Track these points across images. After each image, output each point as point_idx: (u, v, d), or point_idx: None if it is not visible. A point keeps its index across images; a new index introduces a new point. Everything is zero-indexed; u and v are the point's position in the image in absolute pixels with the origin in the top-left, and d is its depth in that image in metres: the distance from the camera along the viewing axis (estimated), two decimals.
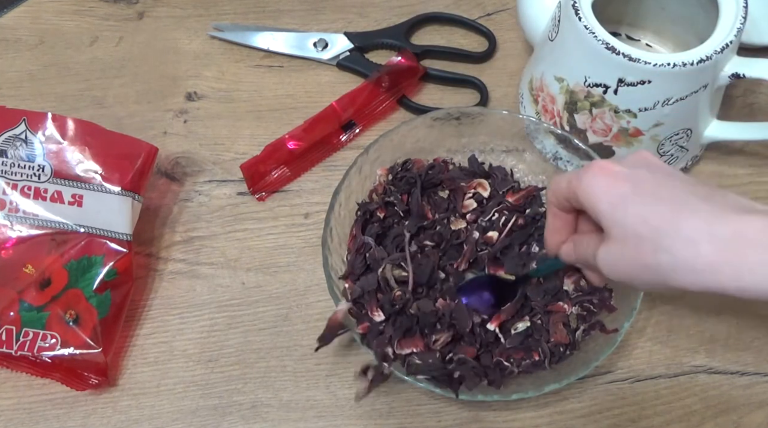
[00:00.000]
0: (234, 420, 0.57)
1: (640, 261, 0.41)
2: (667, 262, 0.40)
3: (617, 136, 0.60)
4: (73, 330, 0.56)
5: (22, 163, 0.58)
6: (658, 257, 0.40)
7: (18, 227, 0.57)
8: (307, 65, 0.72)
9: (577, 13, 0.56)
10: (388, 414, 0.57)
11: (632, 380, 0.58)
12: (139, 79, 0.71)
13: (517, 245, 0.59)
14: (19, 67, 0.72)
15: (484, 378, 0.54)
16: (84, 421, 0.57)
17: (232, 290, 0.61)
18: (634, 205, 0.41)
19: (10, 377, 0.58)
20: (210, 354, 0.59)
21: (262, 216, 0.65)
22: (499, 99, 0.70)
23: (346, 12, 0.75)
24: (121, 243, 0.58)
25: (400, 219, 0.59)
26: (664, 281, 0.40)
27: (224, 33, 0.73)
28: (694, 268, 0.39)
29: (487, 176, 0.62)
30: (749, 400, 0.57)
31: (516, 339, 0.55)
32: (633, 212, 0.41)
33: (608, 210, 0.42)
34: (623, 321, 0.54)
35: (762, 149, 0.67)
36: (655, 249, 0.40)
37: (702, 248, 0.39)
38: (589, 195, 0.43)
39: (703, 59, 0.54)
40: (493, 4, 0.75)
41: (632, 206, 0.41)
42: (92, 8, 0.75)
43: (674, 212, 0.40)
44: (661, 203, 0.41)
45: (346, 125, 0.68)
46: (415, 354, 0.54)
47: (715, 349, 0.59)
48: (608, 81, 0.57)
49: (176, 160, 0.67)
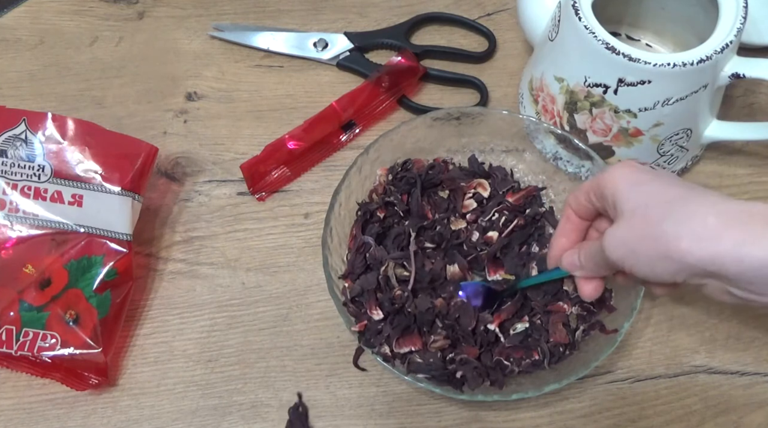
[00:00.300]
0: (234, 420, 0.57)
1: (644, 232, 0.42)
2: (672, 230, 0.41)
3: (617, 136, 0.60)
4: (73, 330, 0.56)
5: (22, 163, 0.58)
6: (664, 225, 0.41)
7: (18, 227, 0.57)
8: (307, 65, 0.72)
9: (577, 13, 0.56)
10: (388, 414, 0.57)
11: (632, 380, 0.58)
12: (139, 79, 0.71)
13: (517, 245, 0.59)
14: (19, 67, 0.72)
15: (487, 379, 0.54)
16: (84, 421, 0.57)
17: (232, 290, 0.61)
18: (650, 185, 0.44)
19: (10, 377, 0.58)
20: (210, 354, 0.59)
21: (262, 216, 0.65)
22: (499, 99, 0.70)
23: (346, 12, 0.75)
24: (121, 243, 0.58)
25: (400, 219, 0.59)
26: (666, 250, 0.41)
27: (224, 33, 0.73)
28: (699, 235, 0.40)
29: (487, 176, 0.62)
30: (749, 400, 0.57)
31: (515, 338, 0.55)
32: (647, 190, 0.44)
33: (625, 189, 0.45)
34: (623, 321, 0.54)
35: (762, 149, 0.67)
36: (661, 219, 0.42)
37: (708, 219, 0.41)
38: (612, 178, 0.46)
39: (703, 59, 0.54)
40: (493, 4, 0.75)
41: (648, 186, 0.44)
42: (92, 8, 0.75)
43: (686, 193, 0.43)
44: (675, 187, 0.44)
45: (346, 125, 0.68)
46: (415, 353, 0.54)
47: (715, 349, 0.59)
48: (608, 81, 0.57)
49: (176, 160, 0.67)
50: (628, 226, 0.44)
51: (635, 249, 0.43)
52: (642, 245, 0.43)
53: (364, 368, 0.58)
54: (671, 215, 0.42)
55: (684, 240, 0.41)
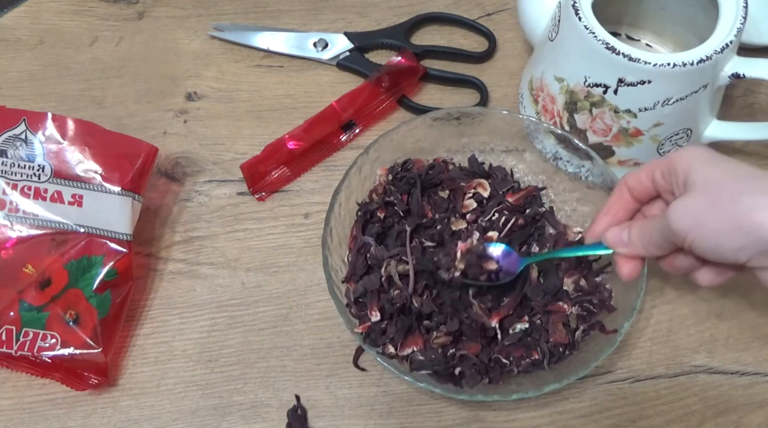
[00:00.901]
0: (234, 420, 0.57)
1: (717, 203, 0.42)
2: (748, 202, 0.41)
3: (617, 136, 0.60)
4: (73, 330, 0.56)
5: (22, 163, 0.58)
6: (740, 197, 0.41)
7: (18, 227, 0.57)
8: (307, 65, 0.72)
9: (577, 13, 0.56)
10: (388, 414, 0.57)
11: (632, 380, 0.58)
12: (139, 79, 0.71)
13: (517, 245, 0.59)
14: (19, 67, 0.72)
15: (485, 376, 0.54)
16: (84, 421, 0.57)
17: (232, 290, 0.61)
18: (724, 163, 0.45)
19: (10, 377, 0.58)
20: (210, 354, 0.59)
21: (262, 216, 0.65)
22: (499, 99, 0.70)
23: (346, 12, 0.75)
24: (121, 243, 0.58)
25: (400, 219, 0.59)
26: (738, 222, 0.41)
27: (224, 33, 0.73)
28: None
29: (487, 176, 0.62)
30: (749, 400, 0.57)
31: (515, 336, 0.55)
32: (721, 166, 0.45)
33: (699, 164, 0.45)
34: (623, 321, 0.54)
35: (762, 149, 0.67)
36: (736, 191, 0.42)
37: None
38: (687, 155, 0.46)
39: (703, 59, 0.54)
40: (493, 4, 0.75)
41: (722, 164, 0.45)
42: (92, 8, 0.75)
43: (759, 172, 0.44)
44: (747, 167, 0.44)
45: (346, 125, 0.68)
46: (417, 352, 0.54)
47: (715, 349, 0.59)
48: (608, 81, 0.57)
49: (176, 160, 0.67)
50: (699, 196, 0.43)
51: (703, 220, 0.43)
52: (711, 216, 0.42)
53: (364, 368, 0.58)
54: (747, 187, 0.41)
55: (760, 212, 0.40)
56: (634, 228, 0.49)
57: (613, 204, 0.51)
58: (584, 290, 0.57)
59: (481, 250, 0.55)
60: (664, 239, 0.46)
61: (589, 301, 0.56)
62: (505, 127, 0.62)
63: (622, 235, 0.50)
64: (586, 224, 0.60)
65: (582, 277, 0.57)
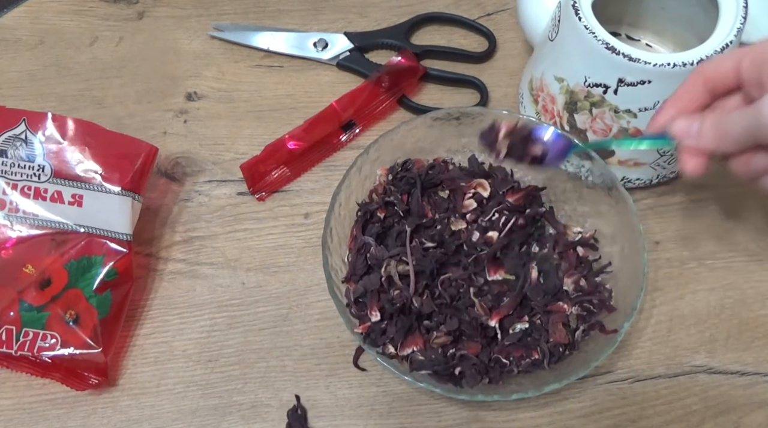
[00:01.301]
0: (234, 420, 0.57)
1: None
2: None
3: (617, 136, 0.60)
4: (73, 330, 0.56)
5: (22, 163, 0.58)
6: None
7: (18, 227, 0.57)
8: (307, 65, 0.72)
9: (577, 13, 0.56)
10: (388, 414, 0.57)
11: (632, 380, 0.58)
12: (139, 79, 0.71)
13: (517, 245, 0.59)
14: (19, 67, 0.72)
15: (485, 376, 0.54)
16: (84, 421, 0.57)
17: (232, 290, 0.61)
18: None
19: (10, 377, 0.58)
20: (210, 354, 0.59)
21: (262, 216, 0.65)
22: (499, 99, 0.70)
23: (346, 12, 0.75)
24: (121, 243, 0.58)
25: (400, 219, 0.59)
26: None
27: (224, 33, 0.73)
28: None
29: (487, 176, 0.62)
30: (749, 400, 0.57)
31: (515, 336, 0.55)
32: None
33: None
34: (623, 321, 0.54)
35: None
36: None
37: None
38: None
39: (703, 59, 0.54)
40: (493, 4, 0.75)
41: None
42: (92, 8, 0.75)
43: None
44: None
45: (346, 125, 0.68)
46: (417, 352, 0.54)
47: (715, 349, 0.59)
48: (608, 81, 0.57)
49: (176, 160, 0.67)
50: None
51: None
52: None
53: (364, 368, 0.58)
54: None
55: None
56: (708, 119, 0.44)
57: (683, 95, 0.46)
58: (584, 290, 0.57)
59: (526, 132, 0.52)
60: (748, 134, 0.42)
61: (589, 301, 0.56)
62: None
63: (692, 126, 0.45)
64: (586, 224, 0.60)
65: (582, 277, 0.57)
